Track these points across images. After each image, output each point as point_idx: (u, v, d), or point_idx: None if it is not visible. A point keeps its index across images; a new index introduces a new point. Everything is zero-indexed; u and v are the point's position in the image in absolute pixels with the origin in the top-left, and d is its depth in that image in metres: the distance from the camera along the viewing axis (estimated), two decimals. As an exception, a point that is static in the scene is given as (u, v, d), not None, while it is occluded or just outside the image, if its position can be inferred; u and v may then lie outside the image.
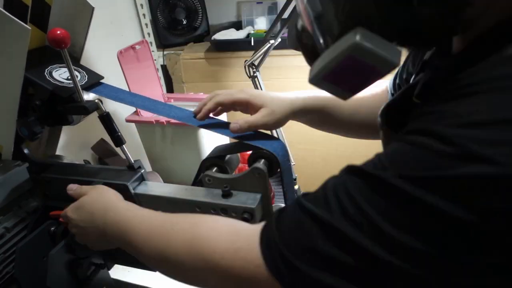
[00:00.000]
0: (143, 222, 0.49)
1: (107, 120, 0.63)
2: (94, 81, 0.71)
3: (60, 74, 0.68)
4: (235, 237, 0.40)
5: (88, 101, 0.64)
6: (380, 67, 0.34)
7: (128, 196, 0.62)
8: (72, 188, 0.62)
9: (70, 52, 0.74)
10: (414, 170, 0.29)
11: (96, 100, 0.64)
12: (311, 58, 0.41)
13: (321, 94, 0.67)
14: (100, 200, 0.56)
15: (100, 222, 0.54)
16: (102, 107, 0.63)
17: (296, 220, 0.35)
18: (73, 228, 0.59)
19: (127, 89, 1.03)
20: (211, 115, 0.67)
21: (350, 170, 0.34)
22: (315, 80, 0.39)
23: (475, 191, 0.26)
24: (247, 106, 0.66)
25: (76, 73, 0.70)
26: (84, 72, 0.72)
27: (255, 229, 0.39)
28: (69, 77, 0.67)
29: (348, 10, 0.35)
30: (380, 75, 0.35)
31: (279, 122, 0.65)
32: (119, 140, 0.64)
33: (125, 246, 0.51)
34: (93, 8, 0.67)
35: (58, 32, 0.54)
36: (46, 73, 0.67)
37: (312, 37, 0.39)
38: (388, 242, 0.29)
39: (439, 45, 0.38)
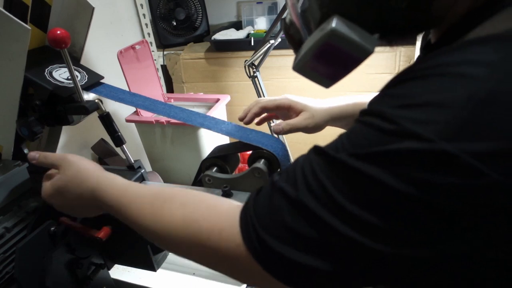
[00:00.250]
0: (134, 200, 0.49)
1: (107, 120, 0.63)
2: (94, 81, 0.71)
3: (60, 74, 0.68)
4: (218, 218, 0.41)
5: (88, 101, 0.64)
6: (355, 53, 0.36)
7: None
8: (35, 157, 0.59)
9: (70, 52, 0.74)
10: (361, 147, 0.32)
11: (96, 100, 0.64)
12: (297, 49, 0.43)
13: (358, 101, 0.70)
14: (83, 179, 0.54)
15: (90, 202, 0.53)
16: (102, 107, 0.63)
17: (269, 197, 0.37)
18: (58, 207, 0.58)
19: (127, 89, 1.03)
20: (210, 114, 0.67)
21: (315, 151, 0.36)
22: (297, 67, 0.41)
23: (408, 164, 0.29)
24: (288, 110, 0.71)
25: (76, 73, 0.70)
26: (84, 72, 0.72)
27: (236, 208, 0.41)
28: (69, 77, 0.67)
29: (329, 2, 0.37)
30: (356, 62, 0.37)
31: (319, 126, 0.69)
32: (119, 140, 0.64)
33: (120, 219, 0.51)
34: (93, 8, 0.67)
35: (58, 32, 0.54)
36: (46, 73, 0.67)
37: (299, 29, 0.42)
38: (346, 216, 0.32)
39: (411, 37, 0.40)
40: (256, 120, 0.76)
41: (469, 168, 0.27)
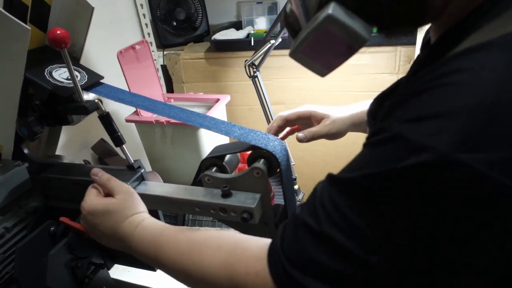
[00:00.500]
0: (170, 242, 0.50)
1: (107, 120, 0.63)
2: (94, 81, 0.71)
3: (60, 74, 0.68)
4: (252, 261, 0.41)
5: (88, 101, 0.64)
6: (350, 40, 0.37)
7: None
8: (97, 174, 0.59)
9: (70, 52, 0.74)
10: (373, 167, 0.31)
11: (96, 100, 0.64)
12: (295, 34, 0.43)
13: None
14: (128, 212, 0.56)
15: (124, 235, 0.54)
16: (102, 107, 0.63)
17: (294, 232, 0.37)
18: (89, 229, 0.59)
19: (127, 89, 1.03)
20: (210, 114, 0.67)
21: (331, 179, 0.36)
22: (293, 54, 0.41)
23: (425, 179, 0.28)
24: (310, 119, 0.73)
25: (76, 73, 0.70)
26: (84, 72, 0.72)
27: (266, 247, 0.40)
28: (69, 77, 0.67)
29: None
30: (351, 49, 0.38)
31: (340, 131, 0.71)
32: (119, 140, 0.64)
33: (151, 263, 0.52)
34: (93, 8, 0.67)
35: (58, 32, 0.54)
36: (46, 73, 0.67)
37: (298, 18, 0.42)
38: (370, 242, 0.31)
39: (409, 30, 0.41)
40: (280, 135, 0.78)
41: (483, 177, 0.26)
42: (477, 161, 0.26)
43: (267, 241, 0.42)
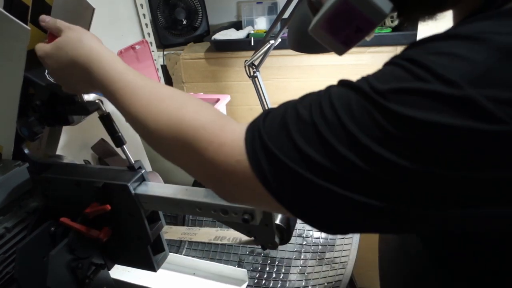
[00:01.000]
0: (129, 89, 0.47)
1: (107, 120, 0.63)
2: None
3: (60, 74, 0.68)
4: (221, 130, 0.40)
5: (89, 101, 0.64)
6: (370, 14, 0.37)
7: (128, 196, 0.62)
8: (45, 19, 0.57)
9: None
10: (386, 82, 0.32)
11: (97, 101, 0.64)
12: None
13: None
14: (82, 45, 0.52)
15: (81, 71, 0.52)
16: (103, 107, 0.63)
17: (280, 114, 0.37)
18: (50, 70, 0.57)
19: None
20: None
21: (339, 81, 0.37)
22: (313, 29, 0.41)
23: (432, 104, 0.29)
24: None
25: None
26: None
27: (243, 126, 0.40)
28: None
29: None
30: (370, 24, 0.38)
31: None
32: (119, 141, 0.64)
33: (110, 101, 0.50)
34: (93, 9, 0.67)
35: None
36: (47, 73, 0.67)
37: None
38: (362, 149, 0.31)
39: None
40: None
41: (488, 113, 0.27)
42: (484, 96, 0.28)
43: (243, 124, 0.41)
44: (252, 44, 1.46)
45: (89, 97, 0.70)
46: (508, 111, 0.27)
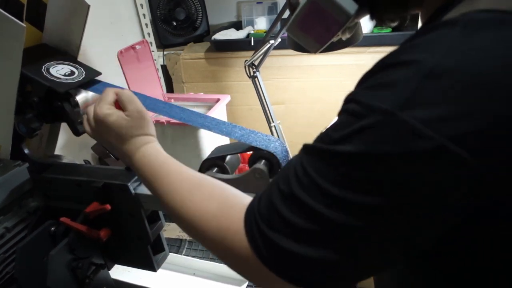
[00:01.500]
0: (166, 177, 0.51)
1: None
2: (92, 77, 0.71)
3: (58, 71, 0.68)
4: (226, 220, 0.42)
5: (79, 123, 0.67)
6: (336, 14, 0.41)
7: (128, 196, 0.62)
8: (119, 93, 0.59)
9: (67, 50, 0.74)
10: (338, 131, 0.34)
11: None
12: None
13: None
14: (135, 131, 0.55)
15: (126, 153, 0.55)
16: None
17: (268, 195, 0.39)
18: (92, 133, 0.58)
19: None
20: (210, 114, 0.67)
21: (303, 147, 0.39)
22: (290, 28, 0.46)
23: (376, 135, 0.31)
24: None
25: (73, 69, 0.70)
26: (82, 68, 0.72)
27: (243, 209, 0.42)
28: (67, 73, 0.68)
29: None
30: (337, 24, 0.42)
31: None
32: None
33: (147, 187, 0.54)
34: (88, 6, 0.67)
35: None
36: (43, 70, 0.67)
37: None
38: (332, 200, 0.33)
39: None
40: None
41: (418, 133, 0.29)
42: (413, 117, 0.30)
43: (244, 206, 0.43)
44: (252, 44, 1.46)
45: (87, 94, 0.70)
46: (435, 127, 0.29)
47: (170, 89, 1.71)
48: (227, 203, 0.45)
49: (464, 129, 0.29)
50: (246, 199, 0.44)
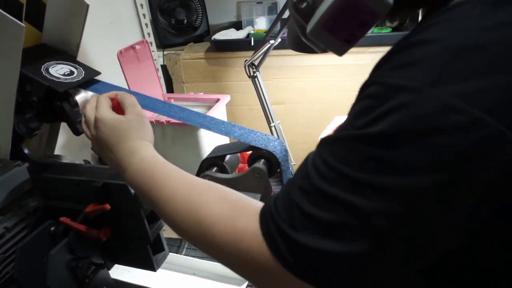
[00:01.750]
0: (169, 181, 0.48)
1: None
2: (91, 76, 0.71)
3: (57, 70, 0.68)
4: (236, 223, 0.40)
5: (79, 123, 0.66)
6: (375, 6, 0.36)
7: (128, 196, 0.62)
8: (121, 95, 0.58)
9: (66, 49, 0.74)
10: (362, 116, 0.33)
11: None
12: (308, 21, 0.42)
13: None
14: (133, 134, 0.54)
15: (121, 157, 0.53)
16: None
17: (286, 194, 0.37)
18: (92, 139, 0.57)
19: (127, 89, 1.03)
20: (210, 114, 0.67)
21: (321, 141, 0.37)
22: (313, 31, 0.40)
23: (406, 114, 0.30)
24: None
25: (72, 69, 0.71)
26: (81, 68, 0.72)
27: (256, 212, 0.40)
28: (66, 73, 0.68)
29: None
30: (375, 16, 0.37)
31: None
32: None
33: (142, 195, 0.51)
34: (87, 6, 0.67)
35: None
36: (43, 70, 0.67)
37: (309, 2, 0.42)
38: (365, 187, 0.31)
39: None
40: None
41: (453, 107, 0.29)
42: (448, 93, 0.29)
43: (256, 209, 0.41)
44: (252, 44, 1.46)
45: (87, 94, 0.70)
46: (470, 100, 0.29)
47: (170, 89, 1.71)
48: (240, 204, 0.42)
49: (499, 102, 0.28)
50: (258, 203, 0.42)
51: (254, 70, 1.13)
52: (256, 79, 1.14)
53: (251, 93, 1.26)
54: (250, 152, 0.61)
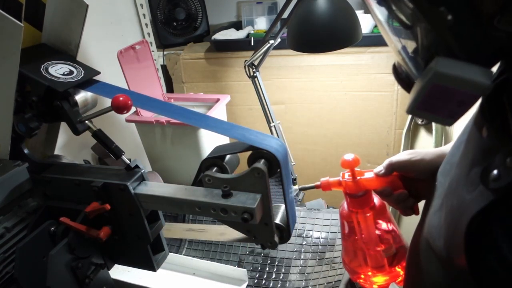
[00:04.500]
0: None
1: (100, 135, 0.64)
2: (91, 76, 0.71)
3: (56, 70, 0.68)
4: None
5: (78, 122, 0.66)
6: (470, 89, 0.34)
7: (128, 196, 0.62)
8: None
9: (65, 49, 0.74)
10: None
11: (86, 121, 0.65)
12: (409, 88, 0.42)
13: None
14: None
15: None
16: (93, 126, 0.64)
17: None
18: None
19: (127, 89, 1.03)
20: (210, 114, 0.67)
21: None
22: (410, 111, 0.40)
23: None
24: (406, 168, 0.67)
25: (71, 68, 0.71)
26: (80, 68, 0.72)
27: None
28: (65, 72, 0.68)
29: (427, 43, 0.37)
30: (474, 98, 0.35)
31: (423, 161, 0.65)
32: (117, 151, 0.65)
33: None
34: (87, 6, 0.67)
35: (121, 98, 0.59)
36: (42, 69, 0.67)
37: (408, 72, 0.42)
38: None
39: None
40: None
41: None
42: None
43: None
44: (252, 44, 1.47)
45: (86, 94, 0.70)
46: None
47: (170, 89, 1.71)
48: None
49: None
50: None
51: (254, 70, 1.13)
52: (256, 79, 1.14)
53: (251, 93, 1.26)
54: (250, 152, 0.60)
